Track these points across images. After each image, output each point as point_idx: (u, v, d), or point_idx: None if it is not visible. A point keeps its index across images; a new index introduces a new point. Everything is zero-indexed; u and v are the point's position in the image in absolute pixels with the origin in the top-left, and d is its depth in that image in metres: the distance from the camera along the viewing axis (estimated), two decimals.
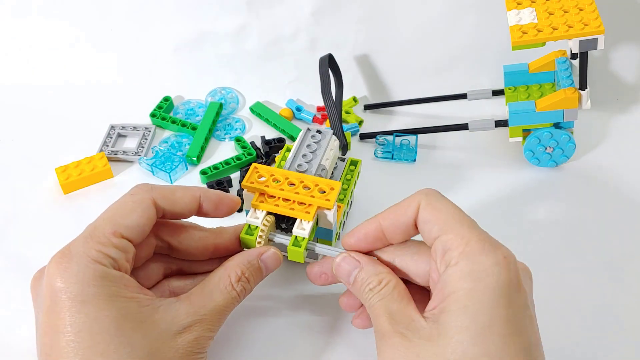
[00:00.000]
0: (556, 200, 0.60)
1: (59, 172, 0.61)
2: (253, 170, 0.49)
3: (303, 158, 0.52)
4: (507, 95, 0.63)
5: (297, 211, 0.47)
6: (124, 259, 0.42)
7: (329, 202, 0.47)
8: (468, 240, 0.39)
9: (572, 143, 0.60)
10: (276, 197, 0.48)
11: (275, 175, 0.49)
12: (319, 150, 0.53)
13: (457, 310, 0.37)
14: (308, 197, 0.47)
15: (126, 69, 0.72)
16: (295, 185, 0.48)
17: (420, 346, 0.38)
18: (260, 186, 0.48)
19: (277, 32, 0.71)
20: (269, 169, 0.49)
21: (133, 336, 0.39)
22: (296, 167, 0.51)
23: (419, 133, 0.64)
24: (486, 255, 0.38)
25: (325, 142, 0.53)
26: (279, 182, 0.48)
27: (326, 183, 0.48)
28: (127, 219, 0.43)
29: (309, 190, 0.48)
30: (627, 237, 0.56)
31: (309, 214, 0.47)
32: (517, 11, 0.56)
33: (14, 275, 0.54)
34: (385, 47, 0.71)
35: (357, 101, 0.70)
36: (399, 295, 0.42)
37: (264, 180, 0.48)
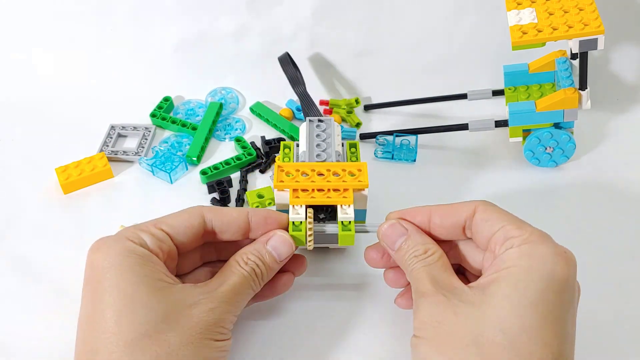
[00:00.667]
0: (556, 200, 0.60)
1: (59, 172, 0.61)
2: (279, 170, 0.49)
3: (318, 148, 0.52)
4: (507, 95, 0.63)
5: (335, 198, 0.48)
6: (158, 246, 0.44)
7: (363, 183, 0.48)
8: (531, 232, 0.41)
9: (572, 143, 0.60)
10: (309, 189, 0.48)
11: (302, 169, 0.49)
12: (329, 139, 0.53)
13: (509, 281, 0.39)
14: (341, 182, 0.48)
15: (126, 69, 0.72)
16: (324, 174, 0.49)
17: (461, 307, 0.39)
18: (292, 182, 0.49)
19: (277, 32, 0.71)
20: (294, 165, 0.50)
21: (149, 299, 0.41)
22: (315, 158, 0.52)
23: (419, 133, 0.64)
24: (547, 246, 0.40)
25: (332, 129, 0.54)
26: (307, 175, 0.49)
27: (353, 166, 0.49)
28: (172, 219, 0.46)
29: (339, 177, 0.49)
30: (627, 237, 0.56)
31: (348, 198, 0.48)
32: (517, 11, 0.56)
33: (14, 275, 0.54)
34: (385, 47, 0.71)
35: (359, 102, 0.70)
36: (443, 265, 0.43)
37: (292, 177, 0.49)
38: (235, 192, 0.61)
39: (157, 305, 0.41)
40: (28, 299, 0.52)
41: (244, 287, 0.44)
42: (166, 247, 0.45)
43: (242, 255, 0.45)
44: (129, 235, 0.44)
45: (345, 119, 0.68)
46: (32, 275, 0.54)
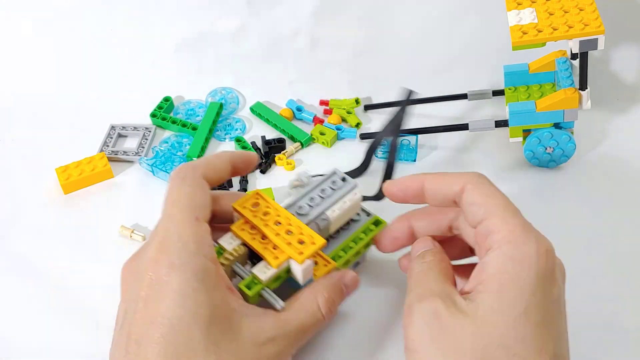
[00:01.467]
0: (556, 200, 0.60)
1: (59, 172, 0.61)
2: (252, 196, 0.47)
3: (310, 201, 0.48)
4: (507, 95, 0.63)
5: (268, 252, 0.44)
6: (210, 246, 0.43)
7: (300, 256, 0.43)
8: (512, 227, 0.40)
9: (572, 143, 0.60)
10: (258, 229, 0.45)
11: (270, 208, 0.46)
12: (331, 199, 0.49)
13: (496, 292, 0.38)
14: (284, 243, 0.44)
15: (126, 69, 0.72)
16: (281, 225, 0.45)
17: (456, 316, 0.39)
18: (249, 214, 0.46)
19: (277, 32, 0.71)
20: (268, 200, 0.47)
21: (222, 340, 0.39)
22: (297, 208, 0.48)
23: (419, 133, 0.64)
24: (529, 244, 0.39)
25: (342, 193, 0.49)
26: (268, 215, 0.46)
27: (310, 235, 0.45)
28: (199, 199, 0.44)
29: (289, 236, 0.45)
30: (627, 237, 0.56)
31: (276, 260, 0.44)
32: (518, 11, 0.56)
33: (14, 275, 0.54)
34: (385, 47, 0.71)
35: (359, 102, 0.70)
36: (441, 270, 0.43)
37: (256, 209, 0.46)
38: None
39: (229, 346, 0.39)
40: (28, 299, 0.52)
41: (314, 328, 0.44)
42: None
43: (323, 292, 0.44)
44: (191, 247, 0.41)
45: (345, 119, 0.68)
46: (32, 275, 0.54)
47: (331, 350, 0.48)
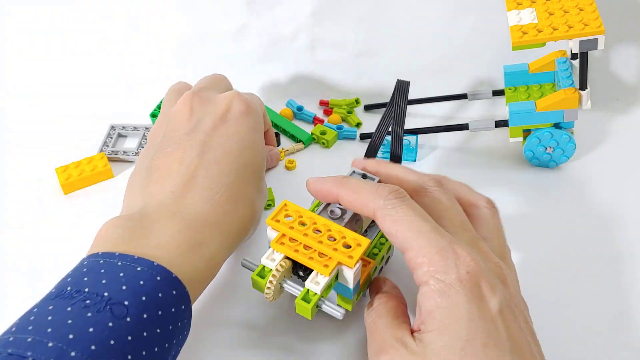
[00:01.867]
0: (556, 200, 0.60)
1: (59, 172, 0.61)
2: (282, 208, 0.46)
3: (340, 204, 0.47)
4: (507, 95, 0.63)
5: (316, 262, 0.43)
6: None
7: (351, 260, 0.43)
8: (430, 257, 0.39)
9: (572, 143, 0.60)
10: (298, 241, 0.44)
11: (304, 217, 0.45)
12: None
13: (436, 330, 0.38)
14: (330, 249, 0.43)
15: (126, 69, 0.72)
16: (322, 232, 0.44)
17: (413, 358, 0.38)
18: (284, 227, 0.44)
19: (277, 32, 0.71)
20: (298, 209, 0.45)
21: (260, 185, 0.52)
22: (329, 212, 0.46)
23: (419, 133, 0.64)
24: (450, 271, 0.39)
25: None
26: (305, 225, 0.45)
27: (354, 237, 0.44)
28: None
29: (333, 242, 0.43)
30: (627, 237, 0.56)
31: (327, 268, 0.43)
32: (518, 11, 0.56)
33: (14, 275, 0.54)
34: (385, 47, 0.71)
35: (359, 102, 0.70)
36: (390, 314, 0.43)
37: (290, 221, 0.45)
38: None
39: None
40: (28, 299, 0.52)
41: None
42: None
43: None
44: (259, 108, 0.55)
45: (345, 119, 0.68)
46: (32, 275, 0.54)
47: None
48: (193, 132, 0.50)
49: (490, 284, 0.39)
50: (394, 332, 0.41)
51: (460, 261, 0.39)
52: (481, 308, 0.38)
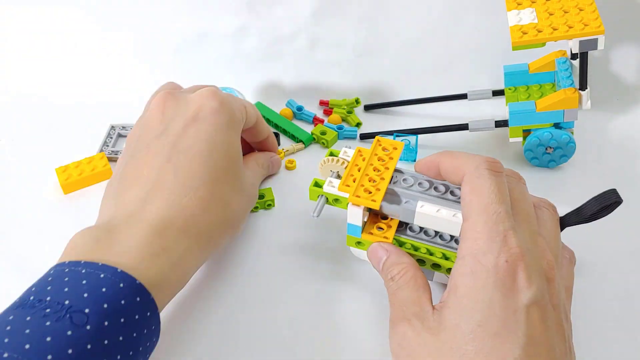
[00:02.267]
0: (556, 200, 0.60)
1: (59, 172, 0.61)
2: (394, 143, 0.49)
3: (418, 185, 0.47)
4: (507, 95, 0.63)
5: (348, 179, 0.47)
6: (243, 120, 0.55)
7: (353, 198, 0.46)
8: (478, 236, 0.39)
9: (572, 143, 0.60)
10: (366, 161, 0.48)
11: (388, 161, 0.48)
12: (435, 199, 0.46)
13: (455, 307, 0.38)
14: (359, 183, 0.46)
15: (126, 69, 0.72)
16: (379, 173, 0.47)
17: (424, 336, 0.39)
18: (373, 150, 0.48)
19: (277, 32, 0.71)
20: (395, 155, 0.48)
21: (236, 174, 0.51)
22: (402, 179, 0.47)
23: (419, 133, 0.64)
24: (489, 255, 0.39)
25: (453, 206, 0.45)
26: (382, 161, 0.48)
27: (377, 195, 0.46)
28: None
29: (369, 182, 0.46)
30: (627, 237, 0.56)
31: (344, 187, 0.46)
32: (517, 11, 0.56)
33: (14, 275, 0.54)
34: (385, 47, 0.71)
35: (359, 102, 0.70)
36: (415, 284, 0.43)
37: (384, 153, 0.48)
38: None
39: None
40: None
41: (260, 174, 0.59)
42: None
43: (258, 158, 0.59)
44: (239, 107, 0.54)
45: (345, 119, 0.68)
46: (32, 275, 0.54)
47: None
48: (163, 135, 0.49)
49: (528, 277, 0.38)
50: (413, 305, 0.41)
51: (506, 248, 0.39)
52: (507, 297, 0.38)
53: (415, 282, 0.43)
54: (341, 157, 0.50)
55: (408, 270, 0.44)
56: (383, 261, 0.46)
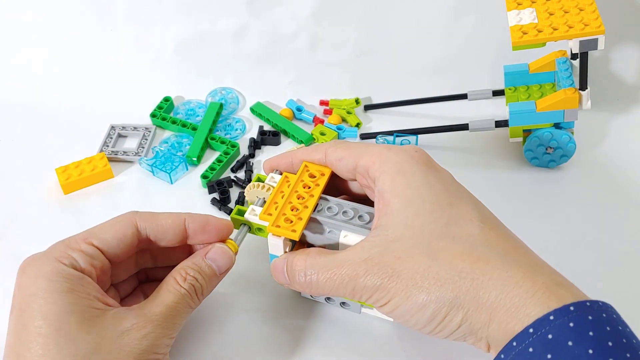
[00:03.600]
0: (556, 200, 0.60)
1: (59, 172, 0.61)
2: (321, 169, 0.48)
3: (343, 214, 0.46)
4: (507, 95, 0.63)
5: (271, 207, 0.46)
6: (89, 263, 0.43)
7: (271, 227, 0.44)
8: (379, 153, 0.45)
9: (573, 143, 0.60)
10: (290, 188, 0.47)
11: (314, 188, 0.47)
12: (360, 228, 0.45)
13: (401, 203, 0.42)
14: (280, 211, 0.45)
15: (126, 70, 0.72)
16: (302, 201, 0.46)
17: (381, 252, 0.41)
18: (300, 176, 0.48)
19: (277, 32, 0.71)
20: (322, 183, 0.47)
21: (77, 331, 0.39)
22: (327, 207, 0.46)
23: (419, 133, 0.64)
24: (399, 154, 0.44)
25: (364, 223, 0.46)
26: (307, 188, 0.47)
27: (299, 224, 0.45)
28: (102, 231, 0.45)
29: (291, 211, 0.45)
30: (627, 237, 0.56)
31: (264, 215, 0.45)
32: (518, 11, 0.56)
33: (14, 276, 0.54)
34: (385, 47, 0.71)
35: (359, 102, 0.70)
36: (315, 252, 0.44)
37: (310, 179, 0.47)
38: (236, 193, 0.61)
39: (86, 336, 0.39)
40: None
41: (181, 306, 0.43)
42: (98, 264, 0.43)
43: (180, 271, 0.44)
44: (58, 255, 0.42)
45: (345, 119, 0.68)
46: None
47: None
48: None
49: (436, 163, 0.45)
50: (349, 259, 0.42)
51: (406, 147, 0.45)
52: (438, 175, 0.44)
53: (311, 251, 0.44)
54: (267, 183, 0.48)
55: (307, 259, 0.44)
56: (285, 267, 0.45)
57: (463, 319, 0.38)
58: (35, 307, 0.40)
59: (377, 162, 0.44)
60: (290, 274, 0.44)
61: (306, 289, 0.44)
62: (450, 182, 0.44)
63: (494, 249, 0.40)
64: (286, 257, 0.45)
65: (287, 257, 0.45)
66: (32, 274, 0.41)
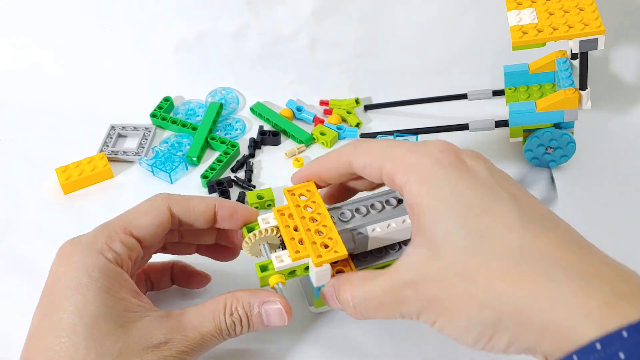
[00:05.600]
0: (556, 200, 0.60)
1: (59, 172, 0.61)
2: (304, 185, 0.46)
3: (355, 211, 0.47)
4: (507, 95, 0.63)
5: (293, 244, 0.43)
6: (127, 256, 0.43)
7: (317, 259, 0.42)
8: (402, 159, 0.40)
9: (573, 143, 0.60)
10: (295, 218, 0.45)
11: (314, 203, 0.45)
12: (377, 216, 0.46)
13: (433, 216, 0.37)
14: (309, 240, 0.43)
15: (127, 70, 0.72)
16: (317, 222, 0.44)
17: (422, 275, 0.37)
18: (293, 202, 0.45)
19: (277, 32, 0.71)
20: (316, 194, 0.46)
21: (107, 337, 0.39)
22: (339, 213, 0.46)
23: (419, 133, 0.64)
24: (423, 162, 0.39)
25: (392, 214, 0.46)
26: (309, 209, 0.45)
27: (337, 242, 0.43)
28: (140, 219, 0.44)
29: (317, 236, 0.43)
30: (627, 237, 0.56)
31: (296, 254, 0.43)
32: (518, 11, 0.56)
33: (14, 275, 0.54)
34: (385, 47, 0.71)
35: (359, 102, 0.70)
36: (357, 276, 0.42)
37: (302, 200, 0.45)
38: (236, 193, 0.61)
39: (114, 344, 0.39)
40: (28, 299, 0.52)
41: (215, 338, 0.42)
42: (134, 255, 0.44)
43: (233, 301, 0.43)
44: (100, 246, 0.42)
45: (345, 119, 0.68)
46: (32, 275, 0.54)
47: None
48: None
49: (470, 156, 0.40)
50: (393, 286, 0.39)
51: (431, 147, 0.40)
52: (469, 177, 0.38)
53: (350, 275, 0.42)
54: (263, 228, 0.45)
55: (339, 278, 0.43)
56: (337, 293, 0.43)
57: (510, 341, 0.35)
58: (72, 302, 0.40)
59: (401, 171, 0.40)
60: (340, 302, 0.43)
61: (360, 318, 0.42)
62: (485, 181, 0.38)
63: (538, 261, 0.35)
64: (332, 286, 0.43)
65: (334, 285, 0.43)
66: (73, 265, 0.41)
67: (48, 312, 0.40)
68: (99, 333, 0.39)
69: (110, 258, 0.42)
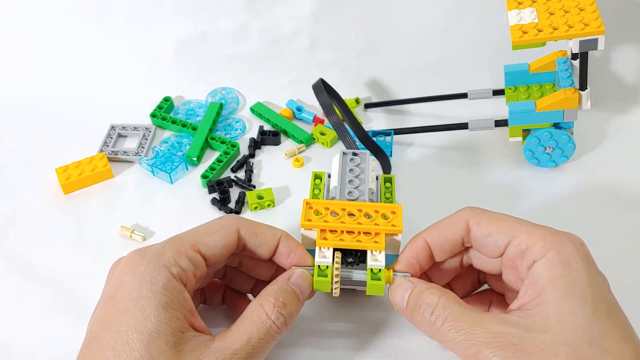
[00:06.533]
0: (556, 200, 0.60)
1: (59, 172, 0.61)
2: (306, 207, 0.46)
3: (350, 184, 0.49)
4: (507, 95, 0.63)
5: (365, 242, 0.44)
6: (192, 273, 0.42)
7: (396, 227, 0.45)
8: (542, 236, 0.41)
9: (572, 143, 0.60)
10: (338, 230, 0.45)
11: (331, 207, 0.46)
12: (363, 174, 0.50)
13: (559, 298, 0.38)
14: (373, 225, 0.45)
15: (127, 70, 0.72)
16: (355, 215, 0.45)
17: (528, 336, 0.38)
18: (320, 222, 0.45)
19: (277, 32, 0.71)
20: (323, 203, 0.46)
21: (159, 358, 0.39)
22: (347, 195, 0.48)
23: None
24: (566, 244, 0.41)
25: (366, 164, 0.50)
26: (337, 214, 0.46)
27: (386, 208, 0.46)
28: (209, 237, 0.44)
29: (371, 219, 0.45)
30: (627, 237, 0.56)
31: (379, 244, 0.44)
32: (518, 11, 0.56)
33: (14, 275, 0.54)
34: (385, 47, 0.71)
35: (359, 102, 0.70)
36: (461, 303, 0.41)
37: (321, 216, 0.45)
38: (236, 193, 0.61)
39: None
40: (28, 299, 0.52)
41: (267, 339, 0.42)
42: (199, 273, 0.43)
43: (268, 297, 0.43)
44: (167, 260, 0.42)
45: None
46: (32, 275, 0.54)
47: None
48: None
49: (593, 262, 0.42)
50: (485, 323, 0.39)
51: (571, 237, 0.42)
52: (597, 279, 0.40)
53: (458, 300, 0.41)
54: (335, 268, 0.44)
55: (446, 292, 0.41)
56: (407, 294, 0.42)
57: None
58: (132, 314, 0.39)
59: (539, 246, 0.41)
60: (412, 302, 0.42)
61: (422, 326, 0.41)
62: (609, 290, 0.41)
63: None
64: (416, 283, 0.43)
65: (418, 283, 0.43)
66: (139, 275, 0.41)
67: (108, 322, 0.40)
68: (152, 351, 0.38)
69: (174, 273, 0.41)
